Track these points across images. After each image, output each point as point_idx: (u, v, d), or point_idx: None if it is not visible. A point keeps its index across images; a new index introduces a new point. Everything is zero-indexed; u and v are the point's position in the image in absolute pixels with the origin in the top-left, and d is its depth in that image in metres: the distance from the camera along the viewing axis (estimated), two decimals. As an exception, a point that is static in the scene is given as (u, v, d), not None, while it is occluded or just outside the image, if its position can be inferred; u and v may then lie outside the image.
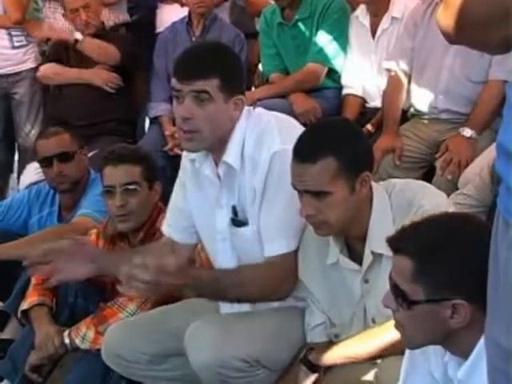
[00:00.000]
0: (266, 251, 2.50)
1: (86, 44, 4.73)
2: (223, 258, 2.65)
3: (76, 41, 4.74)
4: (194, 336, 2.45)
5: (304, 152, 2.28)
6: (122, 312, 2.96)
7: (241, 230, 2.56)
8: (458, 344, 1.79)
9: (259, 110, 2.61)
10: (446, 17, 1.30)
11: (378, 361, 2.29)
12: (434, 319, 1.78)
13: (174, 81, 2.47)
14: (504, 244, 1.26)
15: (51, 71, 4.81)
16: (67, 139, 3.68)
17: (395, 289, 1.81)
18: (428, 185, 2.53)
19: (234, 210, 2.56)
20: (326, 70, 4.31)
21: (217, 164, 2.56)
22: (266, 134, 2.48)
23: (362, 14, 4.26)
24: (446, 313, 1.76)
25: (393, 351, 2.19)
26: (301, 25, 4.35)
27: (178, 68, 2.48)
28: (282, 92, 4.32)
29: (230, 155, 2.50)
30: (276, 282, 2.49)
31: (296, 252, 2.50)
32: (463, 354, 1.78)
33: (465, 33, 1.30)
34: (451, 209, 2.33)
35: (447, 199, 2.39)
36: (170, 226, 2.80)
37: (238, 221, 2.56)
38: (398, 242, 1.83)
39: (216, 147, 2.52)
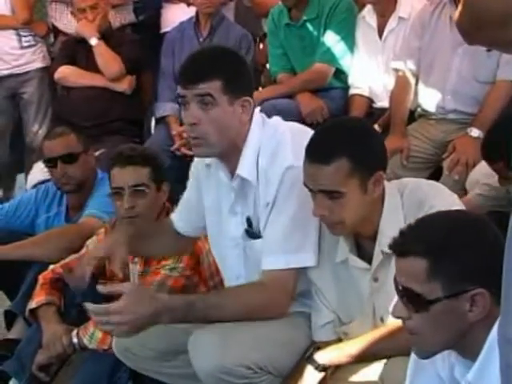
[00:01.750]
0: (263, 265, 2.47)
1: (98, 50, 4.74)
2: (231, 264, 2.65)
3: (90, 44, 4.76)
4: (197, 342, 2.44)
5: (317, 152, 2.28)
6: None
7: (256, 242, 2.54)
8: (470, 344, 1.77)
9: (275, 119, 2.59)
10: (464, 17, 1.30)
11: (384, 360, 2.29)
12: (452, 316, 1.76)
13: (178, 87, 2.47)
14: None
15: (72, 75, 4.81)
16: (72, 140, 3.68)
17: (407, 294, 1.78)
18: (440, 185, 2.53)
19: (249, 221, 2.55)
20: (333, 70, 4.32)
21: (232, 174, 2.54)
22: (280, 148, 2.46)
23: (368, 15, 4.26)
24: (464, 306, 1.75)
25: (398, 351, 2.19)
26: (308, 25, 4.36)
27: (182, 74, 2.49)
28: (289, 92, 4.33)
29: (245, 168, 2.48)
30: (265, 300, 2.43)
31: (297, 271, 2.45)
32: (473, 354, 1.77)
33: (482, 32, 1.30)
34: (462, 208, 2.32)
35: (458, 200, 2.38)
36: (178, 216, 2.84)
37: (252, 232, 2.55)
38: (404, 245, 1.80)
39: (228, 155, 2.51)
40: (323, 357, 2.40)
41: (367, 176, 2.27)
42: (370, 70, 4.26)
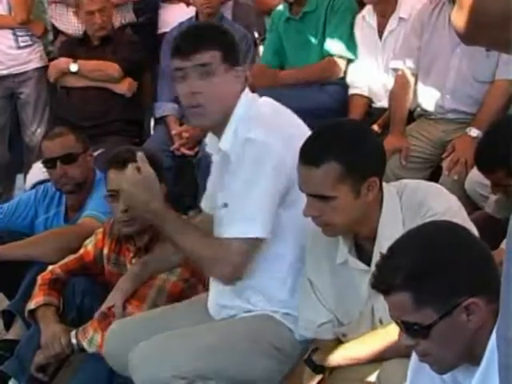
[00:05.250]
0: (224, 233, 2.51)
1: (84, 70, 4.76)
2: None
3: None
4: (135, 355, 2.49)
5: (309, 155, 2.27)
6: None
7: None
8: (477, 351, 1.76)
9: (265, 99, 2.63)
10: (461, 18, 1.30)
11: (382, 362, 2.28)
12: (454, 331, 1.77)
13: (175, 61, 2.51)
14: None
15: (72, 76, 4.82)
16: (72, 140, 3.66)
17: (405, 326, 1.80)
18: (439, 186, 2.51)
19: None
20: (345, 62, 4.32)
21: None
22: (254, 120, 2.51)
23: (368, 15, 4.26)
24: (462, 318, 1.75)
25: (396, 354, 2.19)
26: (307, 18, 4.37)
27: (179, 46, 2.53)
28: (306, 78, 4.31)
29: (225, 141, 2.54)
30: (212, 257, 2.50)
31: (259, 240, 2.49)
32: (477, 358, 1.77)
33: (481, 33, 1.30)
34: (462, 211, 2.32)
35: (457, 201, 2.37)
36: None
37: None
38: (383, 283, 1.81)
39: (219, 127, 2.56)
40: (321, 358, 2.41)
41: (360, 181, 2.25)
42: (369, 69, 4.26)
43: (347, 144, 2.28)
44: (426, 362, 1.84)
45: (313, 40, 4.36)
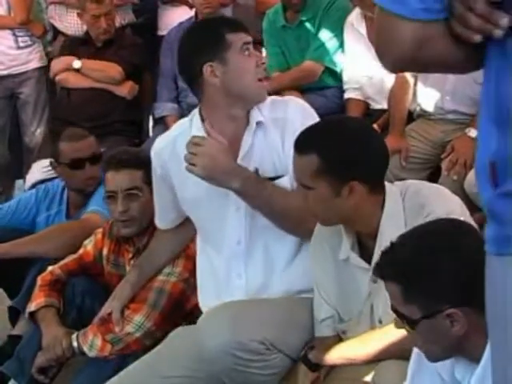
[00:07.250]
0: None
1: (87, 69, 4.76)
2: (231, 231, 2.64)
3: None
4: (209, 320, 2.47)
5: (298, 143, 2.31)
6: (128, 325, 2.94)
7: (279, 182, 2.58)
8: (469, 349, 1.80)
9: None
10: None
11: (378, 362, 2.29)
12: (437, 332, 1.81)
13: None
14: None
15: (74, 77, 4.82)
16: (94, 141, 3.70)
17: (396, 313, 1.87)
18: (442, 188, 2.50)
19: (257, 172, 2.58)
20: (322, 68, 4.34)
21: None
22: (277, 100, 2.69)
23: (356, 21, 4.23)
24: (445, 323, 1.79)
25: (393, 355, 2.21)
26: (305, 26, 4.38)
27: None
28: (278, 88, 4.29)
29: (257, 115, 2.59)
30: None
31: None
32: (474, 356, 1.79)
33: None
34: (465, 213, 2.31)
35: (460, 203, 2.37)
36: (158, 220, 2.93)
37: (267, 178, 2.58)
38: (381, 270, 1.88)
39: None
40: (317, 357, 2.42)
41: (339, 181, 2.24)
42: (363, 74, 4.23)
43: (334, 143, 2.27)
44: (418, 349, 1.90)
45: (312, 46, 4.37)
